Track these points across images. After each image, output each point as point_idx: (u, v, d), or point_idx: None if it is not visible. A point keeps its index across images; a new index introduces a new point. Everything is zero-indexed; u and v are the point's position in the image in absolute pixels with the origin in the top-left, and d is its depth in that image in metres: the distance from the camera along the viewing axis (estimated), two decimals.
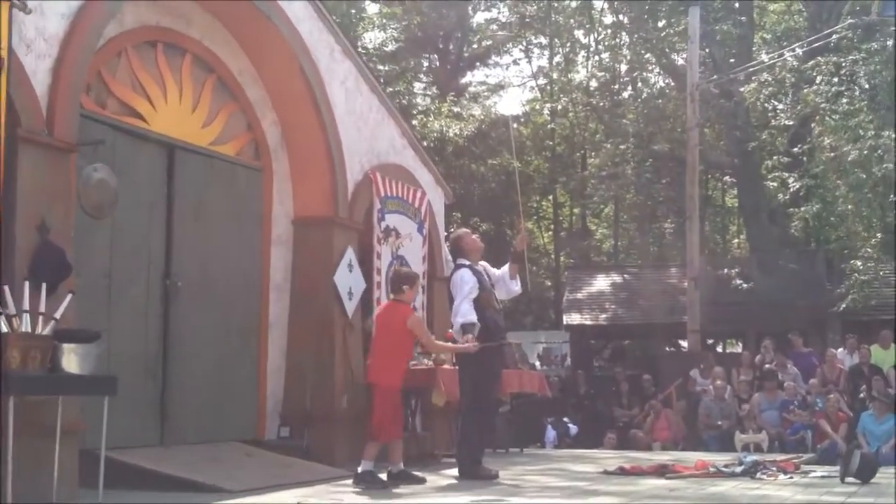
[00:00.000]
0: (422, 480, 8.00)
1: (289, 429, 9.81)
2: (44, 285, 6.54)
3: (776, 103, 24.40)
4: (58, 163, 7.21)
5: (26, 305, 6.34)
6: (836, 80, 19.14)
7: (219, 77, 9.71)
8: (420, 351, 11.13)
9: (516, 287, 8.86)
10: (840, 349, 16.23)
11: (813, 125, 19.69)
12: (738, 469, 9.00)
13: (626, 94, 28.58)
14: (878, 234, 19.13)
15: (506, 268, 8.82)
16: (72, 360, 6.42)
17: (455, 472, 8.50)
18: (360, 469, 7.77)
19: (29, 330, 6.29)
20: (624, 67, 28.40)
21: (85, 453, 6.85)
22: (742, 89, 21.70)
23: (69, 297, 6.68)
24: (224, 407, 9.35)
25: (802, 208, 19.68)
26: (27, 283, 6.43)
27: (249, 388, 9.77)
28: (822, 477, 8.89)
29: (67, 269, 6.94)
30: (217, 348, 9.30)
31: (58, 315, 6.47)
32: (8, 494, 5.89)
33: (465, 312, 8.28)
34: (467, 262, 8.61)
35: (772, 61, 21.50)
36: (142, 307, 8.55)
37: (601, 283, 25.14)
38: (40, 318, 6.40)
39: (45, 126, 7.11)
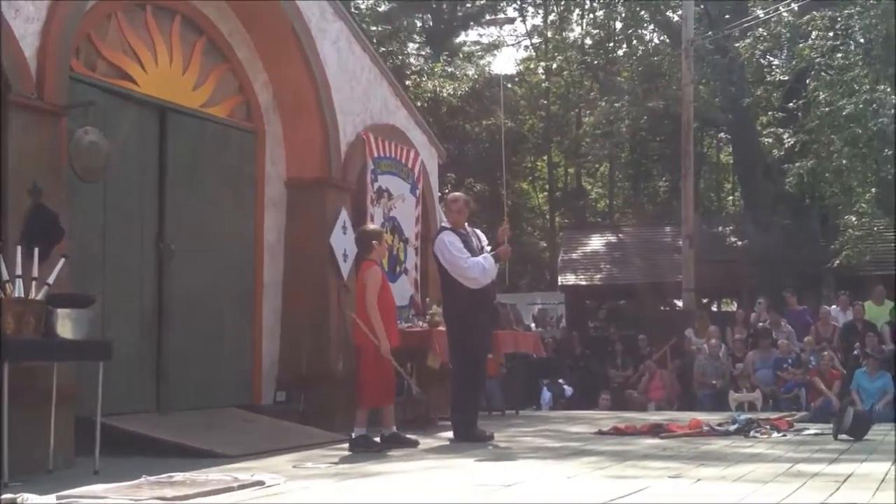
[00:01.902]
0: (414, 443, 8.03)
1: (285, 393, 9.81)
2: (36, 250, 6.50)
3: (771, 59, 24.27)
4: (48, 126, 7.17)
5: (19, 271, 6.32)
6: (831, 34, 19.00)
7: (209, 38, 9.60)
8: (414, 313, 11.17)
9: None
10: (833, 306, 16.27)
11: (808, 80, 19.60)
12: (732, 428, 9.04)
13: (620, 52, 28.44)
14: (873, 189, 19.10)
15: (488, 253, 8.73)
16: (66, 325, 6.42)
17: (451, 434, 8.53)
18: (353, 435, 7.81)
19: (22, 295, 6.27)
20: (619, 25, 28.22)
21: (81, 420, 6.84)
22: (737, 45, 21.57)
23: (62, 261, 6.65)
24: (220, 371, 9.35)
25: (797, 164, 19.62)
26: (19, 248, 6.40)
27: (245, 351, 9.77)
28: (816, 434, 8.93)
29: (60, 234, 6.91)
30: (212, 312, 9.29)
31: (51, 280, 6.45)
32: (4, 461, 5.90)
33: (474, 265, 8.26)
34: (449, 226, 8.61)
35: (767, 16, 21.32)
36: (136, 271, 8.52)
37: (596, 243, 25.18)
38: (33, 283, 6.38)
39: (35, 89, 7.06)
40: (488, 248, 8.66)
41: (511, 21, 31.25)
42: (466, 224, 8.74)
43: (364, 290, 7.99)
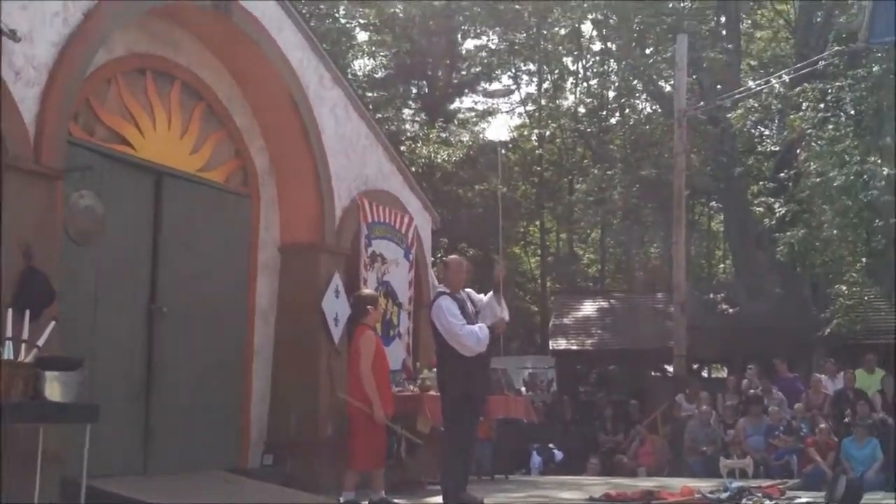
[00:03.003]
0: None
1: (272, 456, 9.76)
2: (27, 312, 6.53)
3: (762, 129, 24.57)
4: (44, 189, 7.24)
5: (9, 333, 6.33)
6: (822, 106, 19.23)
7: (207, 104, 9.72)
8: (405, 377, 11.17)
9: (502, 313, 8.77)
10: (823, 375, 16.27)
11: (799, 151, 19.80)
12: (724, 495, 9.01)
13: (613, 120, 28.80)
14: (864, 259, 19.19)
15: (489, 295, 8.81)
16: (54, 387, 6.40)
17: (440, 499, 8.48)
18: (341, 500, 7.77)
19: (12, 358, 6.28)
20: (612, 94, 28.60)
21: (67, 481, 6.81)
22: (729, 115, 21.83)
23: (52, 324, 6.67)
24: (208, 434, 9.30)
25: (788, 233, 19.75)
26: (10, 311, 6.43)
27: (234, 415, 9.74)
28: (807, 502, 8.90)
29: (51, 296, 6.94)
30: (202, 375, 9.27)
31: (41, 343, 6.46)
32: None
33: (469, 333, 8.28)
34: (447, 291, 8.64)
35: (758, 88, 21.61)
36: (126, 332, 8.52)
37: (588, 308, 25.22)
38: (23, 345, 6.39)
39: (33, 153, 7.13)
40: (482, 299, 8.66)
41: (511, 92, 31.68)
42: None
43: (358, 358, 7.99)
